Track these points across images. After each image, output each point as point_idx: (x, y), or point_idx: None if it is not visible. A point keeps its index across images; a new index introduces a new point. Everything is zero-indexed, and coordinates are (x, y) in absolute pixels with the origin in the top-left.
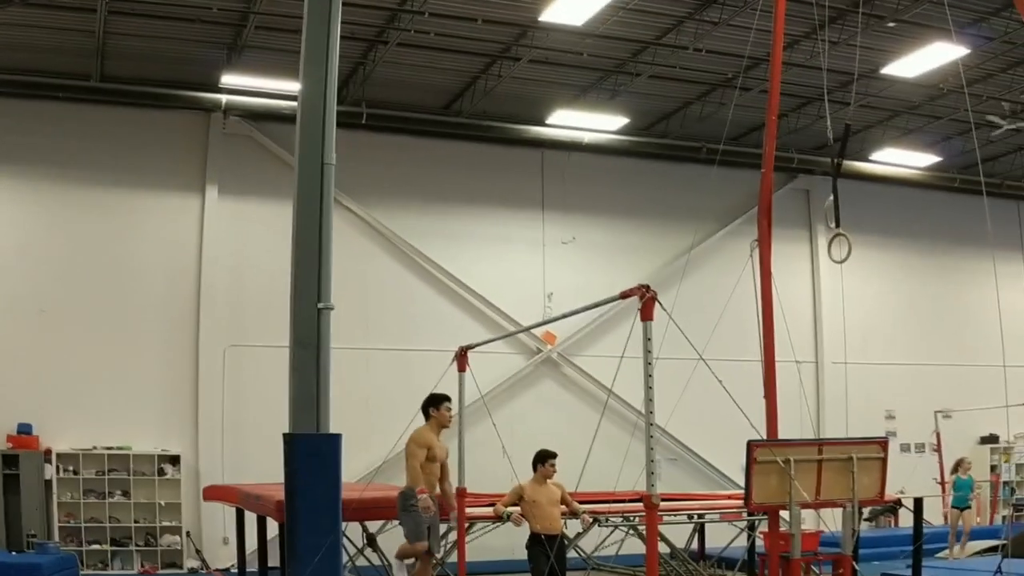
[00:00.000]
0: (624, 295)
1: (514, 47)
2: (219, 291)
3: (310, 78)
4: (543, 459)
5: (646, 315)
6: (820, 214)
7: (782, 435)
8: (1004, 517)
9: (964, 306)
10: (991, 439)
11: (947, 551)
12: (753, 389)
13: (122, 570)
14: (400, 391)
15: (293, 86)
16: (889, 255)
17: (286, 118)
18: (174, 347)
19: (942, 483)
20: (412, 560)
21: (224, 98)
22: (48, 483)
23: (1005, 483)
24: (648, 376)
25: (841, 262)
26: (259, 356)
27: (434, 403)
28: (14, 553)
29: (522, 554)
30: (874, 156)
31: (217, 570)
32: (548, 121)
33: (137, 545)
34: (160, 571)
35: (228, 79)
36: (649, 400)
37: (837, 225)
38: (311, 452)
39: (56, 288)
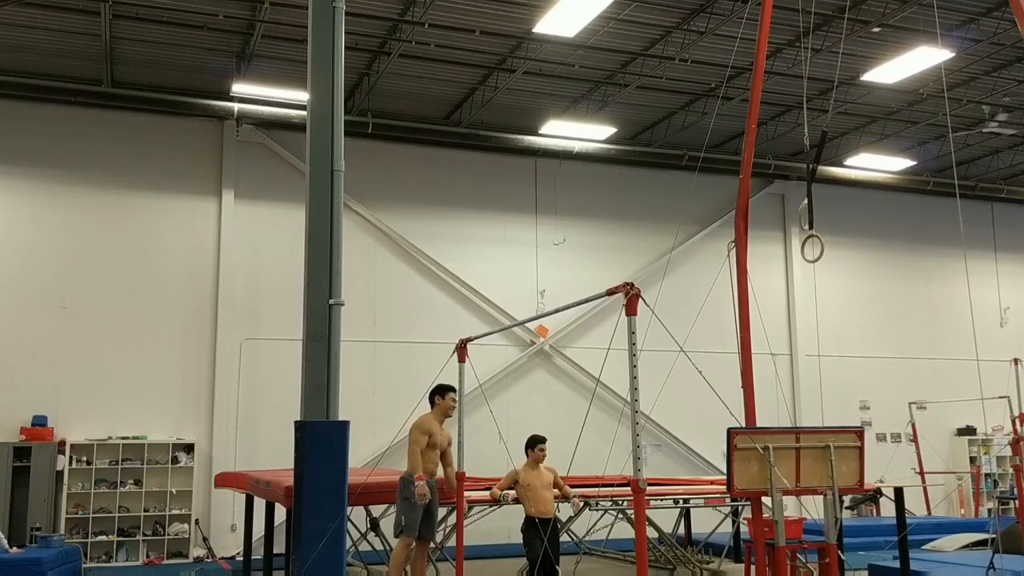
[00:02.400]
0: (610, 292)
1: (510, 59)
2: (236, 288)
3: (318, 89)
4: (533, 444)
5: (630, 310)
6: (795, 217)
7: (760, 424)
8: (990, 511)
9: (936, 302)
10: (968, 431)
11: None
12: (731, 379)
13: (127, 561)
14: (404, 381)
15: (302, 95)
16: (862, 255)
17: (296, 126)
18: (192, 341)
19: (921, 473)
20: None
21: (236, 106)
22: (60, 474)
23: (987, 475)
24: (633, 367)
25: (814, 262)
26: (273, 349)
27: (440, 392)
28: (15, 549)
29: (517, 538)
30: (849, 161)
31: (222, 558)
32: (541, 131)
33: (144, 535)
34: (166, 561)
35: (239, 88)
36: (634, 389)
37: (811, 227)
38: (320, 438)
39: (78, 285)
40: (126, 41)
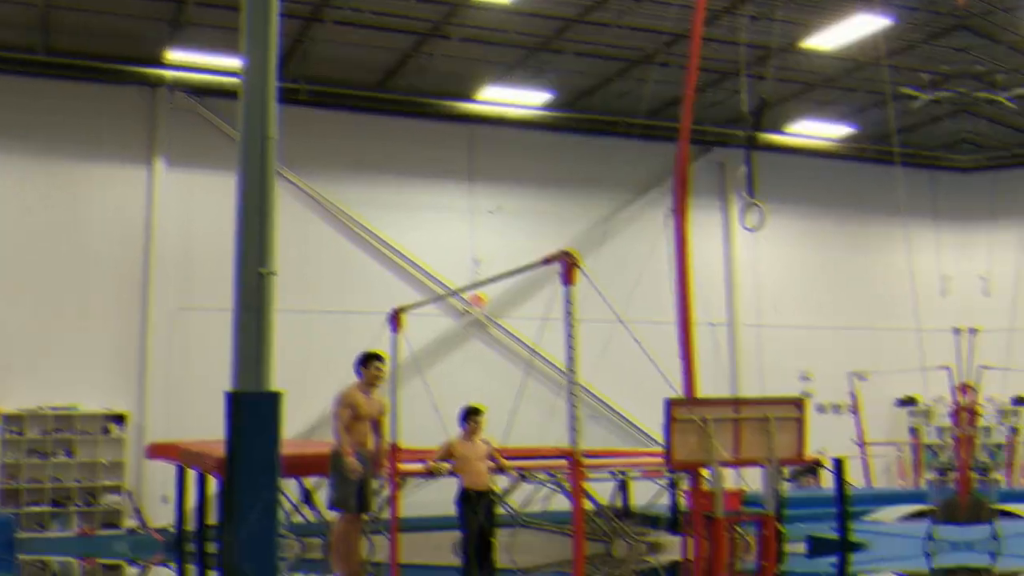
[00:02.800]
0: (547, 260)
1: (445, 25)
2: (169, 257)
3: (251, 55)
4: (469, 415)
5: (568, 279)
6: (734, 184)
7: (700, 395)
8: (930, 480)
9: (876, 271)
10: (909, 401)
11: None
12: (671, 350)
13: (60, 532)
14: (338, 351)
15: (236, 62)
16: (803, 223)
17: (230, 93)
18: (124, 310)
19: (861, 444)
20: None
21: (169, 73)
22: None
23: (928, 446)
24: (570, 337)
25: (754, 230)
26: (207, 319)
27: (364, 361)
28: None
29: (453, 510)
30: (791, 128)
31: (155, 529)
32: (477, 97)
33: (77, 505)
34: (99, 532)
35: (173, 54)
36: (572, 360)
37: (752, 195)
38: (253, 409)
39: (6, 253)
40: (63, 9)
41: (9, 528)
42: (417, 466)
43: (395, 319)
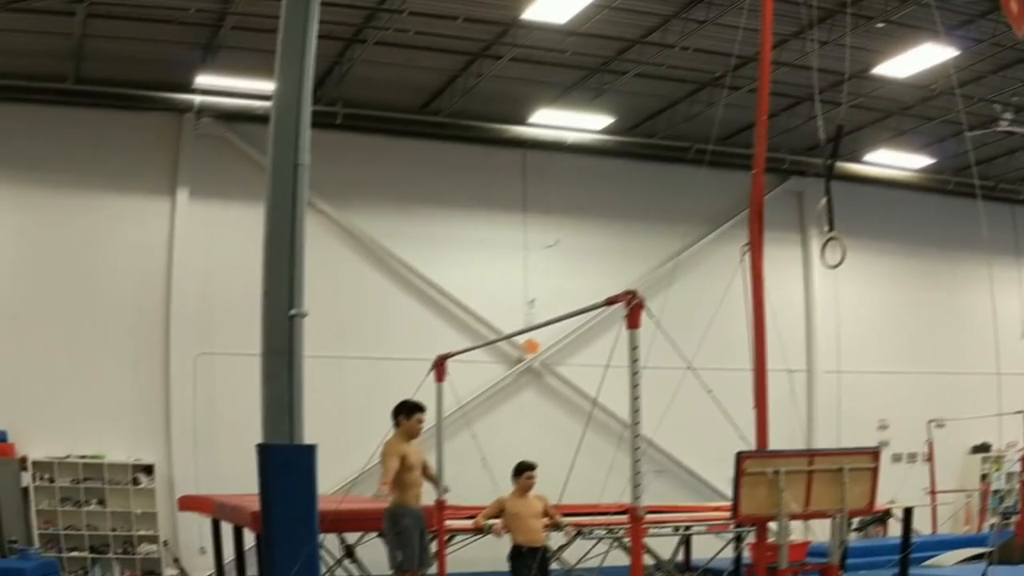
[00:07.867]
0: (610, 302)
1: (495, 45)
2: (190, 296)
3: (285, 77)
4: (521, 471)
5: (632, 323)
6: (813, 217)
7: (772, 446)
8: (992, 525)
9: (958, 312)
10: (983, 448)
11: None
12: (743, 398)
13: None
14: (376, 401)
15: (268, 86)
16: (882, 259)
17: (260, 119)
18: (144, 354)
19: (933, 492)
20: None
21: (197, 99)
22: (25, 491)
23: (995, 492)
24: (634, 386)
25: (835, 267)
26: (231, 364)
27: (405, 411)
28: None
29: (505, 566)
30: (868, 158)
31: None
32: (530, 120)
33: (116, 553)
34: None
35: (203, 79)
36: (635, 411)
37: (831, 228)
38: (285, 463)
39: (28, 294)
40: (97, 38)
41: (55, 571)
42: (464, 523)
43: (439, 367)
